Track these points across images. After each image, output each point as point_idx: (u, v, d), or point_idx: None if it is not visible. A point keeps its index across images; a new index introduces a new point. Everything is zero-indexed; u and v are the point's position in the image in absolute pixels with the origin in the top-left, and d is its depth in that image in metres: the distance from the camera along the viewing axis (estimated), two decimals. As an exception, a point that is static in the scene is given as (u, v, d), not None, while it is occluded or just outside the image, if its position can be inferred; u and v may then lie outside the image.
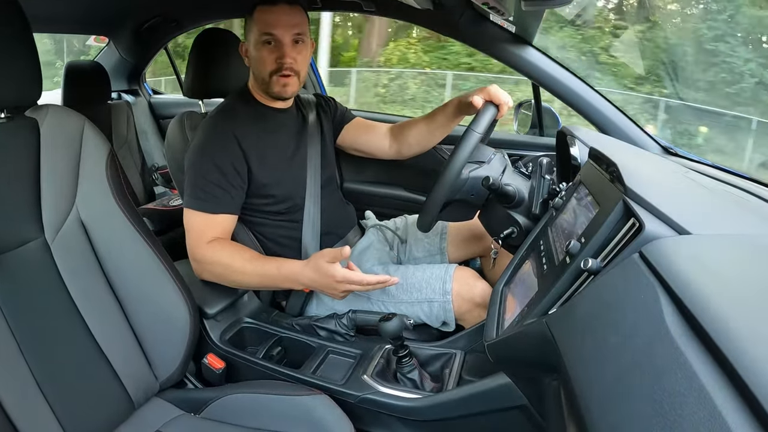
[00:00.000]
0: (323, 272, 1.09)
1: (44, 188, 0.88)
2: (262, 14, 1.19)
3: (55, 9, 1.88)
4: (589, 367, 0.48)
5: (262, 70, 1.22)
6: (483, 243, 1.45)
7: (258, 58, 1.22)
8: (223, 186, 1.18)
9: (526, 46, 1.43)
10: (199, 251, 1.17)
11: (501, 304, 0.94)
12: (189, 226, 1.19)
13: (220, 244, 1.18)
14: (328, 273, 1.09)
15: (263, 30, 1.19)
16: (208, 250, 1.16)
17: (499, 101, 1.16)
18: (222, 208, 1.18)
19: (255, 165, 1.22)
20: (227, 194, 1.19)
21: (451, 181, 1.07)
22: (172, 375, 1.02)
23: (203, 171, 1.18)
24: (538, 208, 1.09)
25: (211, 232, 1.18)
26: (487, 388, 0.94)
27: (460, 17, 1.41)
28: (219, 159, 1.18)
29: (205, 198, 1.17)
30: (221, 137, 1.20)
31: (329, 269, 1.09)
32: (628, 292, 0.50)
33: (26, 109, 0.91)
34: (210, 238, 1.17)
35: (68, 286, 0.89)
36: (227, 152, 1.19)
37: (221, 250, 1.16)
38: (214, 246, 1.16)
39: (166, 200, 2.32)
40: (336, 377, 1.09)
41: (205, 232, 1.17)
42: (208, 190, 1.17)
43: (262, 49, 1.20)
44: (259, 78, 1.25)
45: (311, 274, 1.11)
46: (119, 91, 2.64)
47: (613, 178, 0.76)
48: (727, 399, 0.33)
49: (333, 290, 1.12)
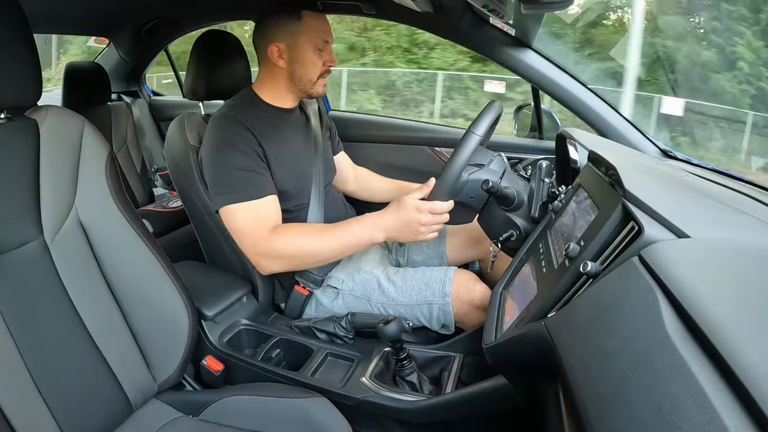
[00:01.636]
0: (406, 206, 1.10)
1: (43, 189, 0.88)
2: (316, 21, 1.24)
3: (56, 10, 1.88)
4: (588, 371, 0.48)
5: (312, 72, 1.26)
6: (482, 246, 1.45)
7: (311, 62, 1.25)
8: (256, 170, 1.17)
9: (526, 49, 1.44)
10: (264, 244, 1.15)
11: (500, 307, 0.94)
12: (239, 223, 1.16)
13: (283, 229, 1.16)
14: (410, 206, 1.09)
15: (322, 37, 1.25)
16: (273, 240, 1.14)
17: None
18: (265, 190, 1.17)
19: (271, 159, 1.22)
20: (263, 177, 1.18)
21: (450, 184, 1.07)
22: (171, 377, 1.02)
23: (231, 163, 1.16)
24: (538, 211, 1.09)
25: (266, 220, 1.16)
26: (486, 391, 0.94)
27: (460, 20, 1.41)
28: (242, 146, 1.17)
29: (243, 187, 1.15)
30: (237, 129, 1.19)
31: (412, 202, 1.10)
32: (627, 295, 0.50)
33: (26, 110, 0.91)
34: (268, 227, 1.15)
35: (67, 287, 0.88)
36: (247, 140, 1.18)
37: (288, 236, 1.15)
38: (276, 235, 1.15)
39: (166, 202, 2.31)
40: (335, 380, 1.09)
41: (261, 223, 1.15)
42: (242, 178, 1.15)
43: (315, 53, 1.25)
44: (304, 79, 1.27)
45: (393, 215, 1.12)
46: (119, 92, 2.65)
47: (612, 182, 0.76)
48: (725, 402, 0.33)
49: (416, 225, 1.10)
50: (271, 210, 1.18)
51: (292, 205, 1.29)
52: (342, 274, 1.32)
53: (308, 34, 1.23)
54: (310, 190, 1.32)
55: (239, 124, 1.19)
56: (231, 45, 1.50)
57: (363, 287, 1.28)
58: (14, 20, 0.82)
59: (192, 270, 1.35)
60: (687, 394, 0.35)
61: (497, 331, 0.86)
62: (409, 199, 1.10)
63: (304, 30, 1.23)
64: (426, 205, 1.09)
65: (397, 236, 1.14)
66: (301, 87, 1.28)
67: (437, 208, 1.09)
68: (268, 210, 1.17)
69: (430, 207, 1.09)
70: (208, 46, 1.49)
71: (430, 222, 1.10)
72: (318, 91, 1.30)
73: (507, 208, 1.12)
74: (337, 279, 1.31)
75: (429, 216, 1.09)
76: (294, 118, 1.36)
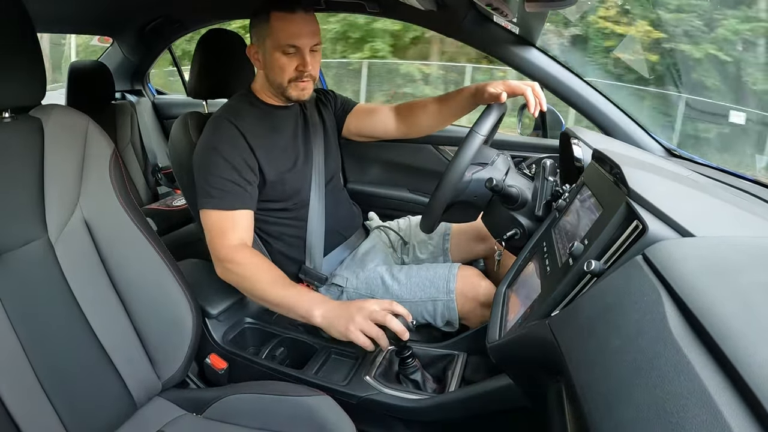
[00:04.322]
0: (356, 301, 1.06)
1: (48, 188, 0.88)
2: (283, 23, 1.16)
3: (59, 9, 1.89)
4: (591, 370, 0.47)
5: (280, 77, 1.21)
6: (486, 245, 1.45)
7: (277, 66, 1.20)
8: (237, 181, 1.17)
9: (530, 47, 1.43)
10: (223, 252, 1.14)
11: (504, 305, 0.94)
12: (208, 226, 1.17)
13: (249, 253, 1.15)
14: (361, 302, 1.05)
15: (286, 41, 1.17)
16: (235, 254, 1.14)
17: (522, 92, 1.16)
18: (238, 203, 1.17)
19: (263, 161, 1.22)
20: (242, 189, 1.18)
21: (454, 183, 1.07)
22: (175, 375, 1.02)
23: (214, 169, 1.17)
24: (542, 209, 1.09)
25: (231, 231, 1.15)
26: (490, 390, 0.94)
27: (463, 18, 1.41)
28: (229, 155, 1.17)
29: (220, 195, 1.15)
30: (228, 134, 1.19)
31: (368, 303, 1.05)
32: (631, 294, 0.50)
33: (30, 109, 0.91)
34: (232, 237, 1.15)
35: (71, 285, 0.89)
36: (236, 148, 1.18)
37: (249, 261, 1.13)
38: (241, 253, 1.14)
39: (170, 200, 2.32)
40: (338, 378, 1.09)
41: (225, 231, 1.15)
42: (221, 187, 1.15)
43: (281, 57, 1.19)
44: (275, 83, 1.24)
45: (339, 303, 1.07)
46: (123, 91, 2.66)
47: (616, 180, 0.76)
48: (729, 401, 0.33)
49: (353, 311, 1.03)
50: (242, 224, 1.17)
51: (291, 204, 1.29)
52: (346, 272, 1.32)
53: (273, 37, 1.17)
54: (309, 187, 1.32)
55: (232, 127, 1.19)
56: (234, 43, 1.50)
57: (367, 285, 1.28)
58: (18, 20, 0.82)
59: (196, 268, 1.36)
60: (690, 393, 0.35)
61: (501, 329, 0.86)
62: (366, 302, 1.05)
63: (269, 33, 1.18)
64: (384, 303, 1.04)
65: (332, 319, 1.04)
66: (276, 90, 1.26)
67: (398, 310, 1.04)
68: (239, 223, 1.17)
69: (387, 304, 1.04)
70: (211, 45, 1.50)
71: (373, 311, 1.02)
72: (295, 95, 1.24)
73: (511, 206, 1.12)
74: (342, 277, 1.31)
75: (377, 310, 1.02)
76: (290, 115, 1.34)
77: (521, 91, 1.16)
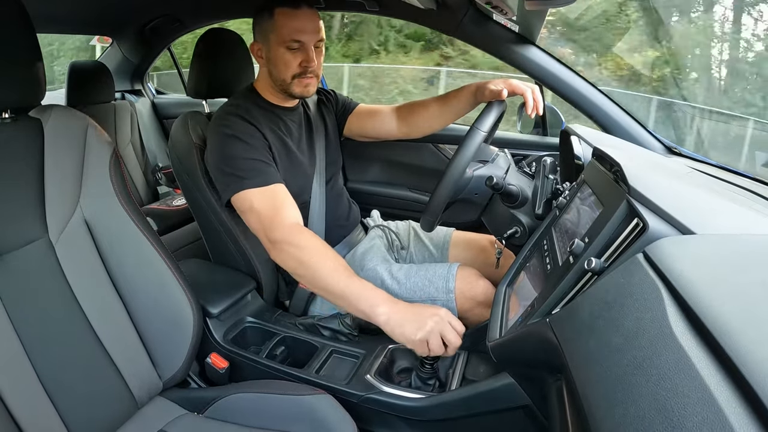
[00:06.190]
0: (430, 306, 1.00)
1: (48, 188, 0.89)
2: (287, 19, 1.18)
3: (59, 9, 1.89)
4: (592, 368, 0.47)
5: (284, 73, 1.22)
6: (486, 254, 1.44)
7: (282, 61, 1.21)
8: (265, 160, 1.16)
9: (530, 45, 1.43)
10: (279, 231, 1.08)
11: (504, 304, 0.94)
12: (252, 207, 1.12)
13: (307, 234, 1.09)
14: (436, 307, 0.99)
15: (291, 36, 1.18)
16: (292, 234, 1.08)
17: (522, 92, 1.17)
18: (275, 178, 1.15)
19: (276, 158, 1.22)
20: (273, 168, 1.17)
21: (454, 181, 1.07)
22: (176, 374, 1.02)
23: (238, 154, 1.14)
24: (542, 207, 1.09)
25: (283, 208, 1.11)
26: (491, 388, 0.94)
27: (463, 17, 1.40)
28: (249, 139, 1.16)
29: (253, 175, 1.13)
30: (243, 125, 1.18)
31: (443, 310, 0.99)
32: (632, 292, 0.50)
33: (30, 110, 0.92)
34: (285, 215, 1.10)
35: (72, 285, 0.89)
36: (254, 137, 1.18)
37: (309, 242, 1.07)
38: (298, 233, 1.08)
39: (170, 200, 2.32)
40: (339, 377, 1.09)
41: (277, 209, 1.11)
42: (252, 167, 1.13)
43: (286, 53, 1.20)
44: (278, 79, 1.24)
45: (410, 305, 0.99)
46: (123, 91, 2.65)
47: (616, 178, 0.76)
48: (730, 399, 0.33)
49: (427, 317, 0.96)
50: (288, 199, 1.14)
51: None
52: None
53: (278, 32, 1.18)
54: (311, 187, 1.32)
55: (242, 119, 1.19)
56: (234, 43, 1.50)
57: None
58: (17, 20, 0.82)
59: (196, 268, 1.36)
60: (691, 390, 0.35)
61: (501, 328, 0.86)
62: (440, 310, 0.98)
63: (274, 28, 1.19)
64: (454, 319, 0.98)
65: (400, 321, 0.96)
66: (279, 87, 1.26)
67: (458, 327, 0.98)
68: (285, 198, 1.14)
69: (456, 322, 0.98)
70: (210, 44, 1.49)
71: (444, 323, 0.96)
72: (298, 92, 1.24)
73: (511, 204, 1.12)
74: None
75: (447, 322, 0.96)
76: (293, 115, 1.35)
77: (521, 91, 1.17)
